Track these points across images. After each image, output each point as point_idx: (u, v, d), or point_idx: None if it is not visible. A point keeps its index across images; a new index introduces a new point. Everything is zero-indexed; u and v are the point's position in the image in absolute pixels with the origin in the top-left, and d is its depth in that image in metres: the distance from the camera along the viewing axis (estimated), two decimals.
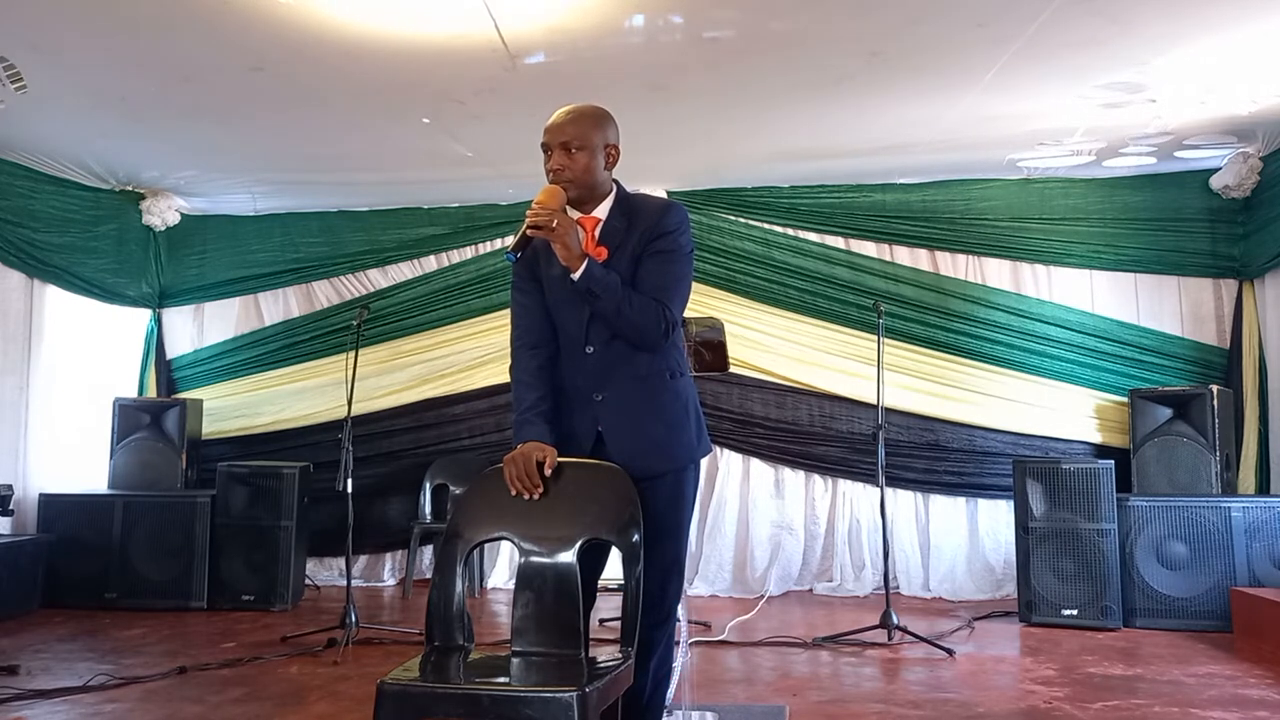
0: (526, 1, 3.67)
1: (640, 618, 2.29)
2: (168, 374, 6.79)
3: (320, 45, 4.00)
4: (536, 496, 2.34)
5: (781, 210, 6.29)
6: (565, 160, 2.42)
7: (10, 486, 5.15)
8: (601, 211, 2.49)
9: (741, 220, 6.32)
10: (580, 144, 2.43)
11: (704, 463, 6.42)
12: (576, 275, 2.34)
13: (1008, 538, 5.59)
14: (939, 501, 6.05)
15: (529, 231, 2.35)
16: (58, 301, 6.00)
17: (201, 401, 6.41)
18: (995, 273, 6.09)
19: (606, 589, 3.03)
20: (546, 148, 2.46)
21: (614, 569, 2.41)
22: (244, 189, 6.30)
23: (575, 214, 2.47)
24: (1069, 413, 5.88)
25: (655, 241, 2.45)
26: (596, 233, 2.47)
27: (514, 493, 2.35)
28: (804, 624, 5.13)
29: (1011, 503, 5.33)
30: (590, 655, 2.29)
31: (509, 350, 2.60)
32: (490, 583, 6.28)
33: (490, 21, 3.79)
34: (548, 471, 2.35)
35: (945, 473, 6.01)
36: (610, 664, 2.18)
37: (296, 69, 4.28)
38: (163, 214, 6.44)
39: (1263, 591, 4.74)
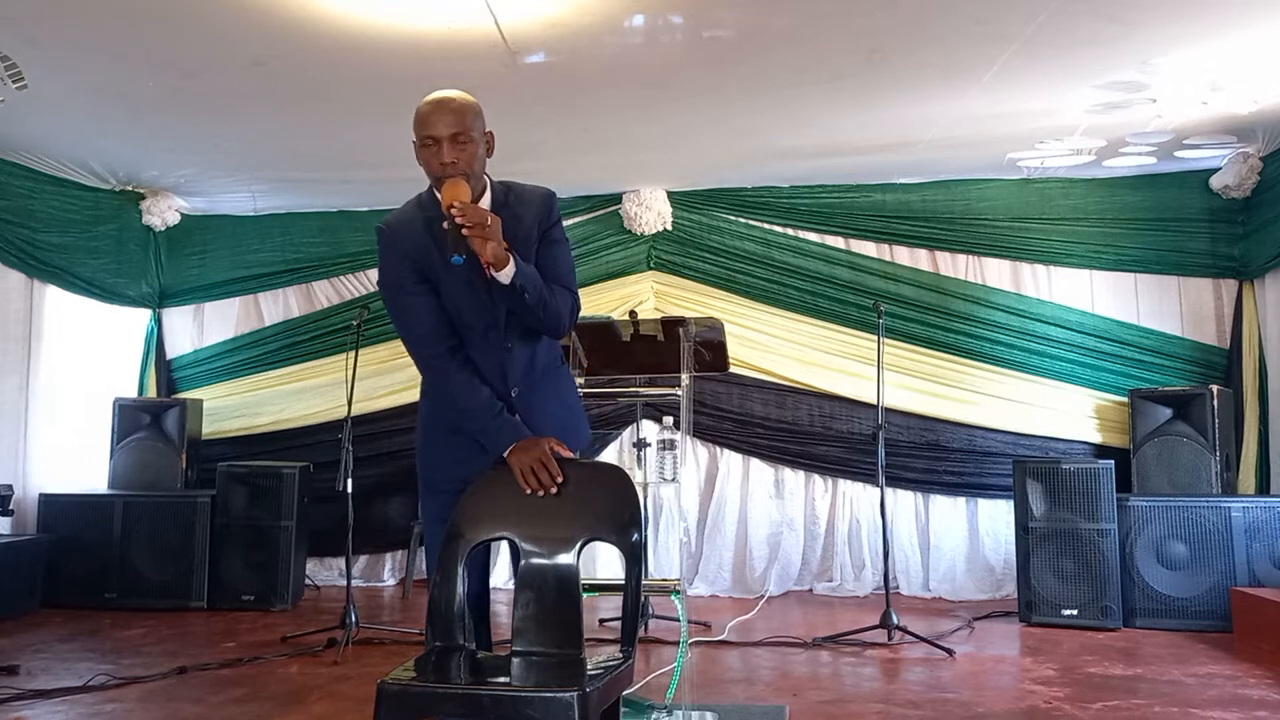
0: None
1: None
2: (168, 374, 6.79)
3: (320, 40, 4.00)
4: (555, 491, 2.31)
5: (781, 210, 6.29)
6: (456, 153, 2.33)
7: (10, 486, 5.15)
8: (485, 204, 2.40)
9: (741, 220, 6.33)
10: (467, 135, 2.34)
11: (704, 462, 6.38)
12: (507, 275, 2.29)
13: (1008, 538, 5.59)
14: (939, 501, 6.05)
15: (465, 231, 2.23)
16: (58, 301, 6.00)
17: (201, 401, 6.41)
18: (995, 273, 6.09)
19: (608, 589, 3.03)
20: (432, 140, 2.35)
21: (614, 569, 2.42)
22: (244, 188, 6.30)
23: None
24: (1069, 413, 5.88)
25: (551, 230, 2.45)
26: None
27: (530, 490, 2.32)
28: (804, 624, 5.14)
29: (1011, 503, 5.33)
30: (590, 655, 2.29)
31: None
32: (490, 582, 6.25)
33: (490, 17, 3.79)
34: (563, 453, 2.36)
35: (945, 473, 6.01)
36: (610, 664, 2.18)
37: (297, 65, 4.28)
38: (163, 214, 6.44)
39: (1263, 591, 4.73)
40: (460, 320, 2.43)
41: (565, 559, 2.32)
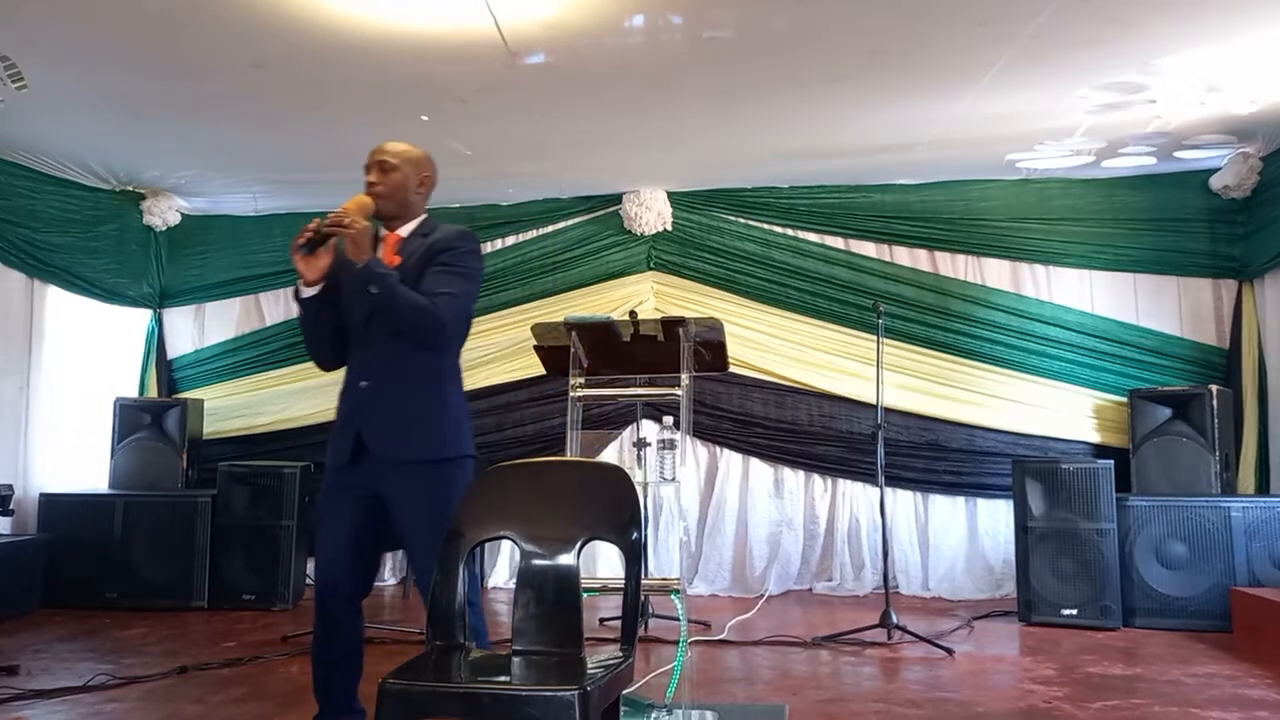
0: None
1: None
2: (168, 374, 6.79)
3: (321, 42, 4.01)
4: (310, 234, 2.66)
5: (781, 210, 6.29)
6: (380, 177, 2.80)
7: (10, 486, 5.15)
8: (405, 231, 2.84)
9: (741, 220, 6.33)
10: (396, 165, 2.81)
11: (704, 462, 6.35)
12: (358, 267, 2.63)
13: (1007, 537, 5.60)
14: (938, 501, 6.05)
15: (325, 229, 2.64)
16: (58, 301, 6.00)
17: (202, 401, 6.42)
18: (995, 273, 6.10)
19: (608, 589, 3.03)
20: (366, 167, 2.82)
21: (614, 568, 2.42)
22: (244, 188, 6.31)
23: (384, 230, 2.83)
24: (1068, 413, 5.88)
25: (442, 255, 2.75)
26: (396, 248, 2.80)
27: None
28: (804, 623, 5.14)
29: (1011, 502, 5.34)
30: (590, 654, 2.30)
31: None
32: (490, 582, 6.28)
33: (490, 17, 3.80)
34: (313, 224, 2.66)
35: (945, 472, 6.01)
36: (610, 663, 2.19)
37: (297, 66, 4.29)
38: (163, 214, 6.45)
39: (1262, 591, 4.74)
40: (349, 312, 2.82)
41: (565, 559, 2.33)
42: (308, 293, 2.76)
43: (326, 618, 2.76)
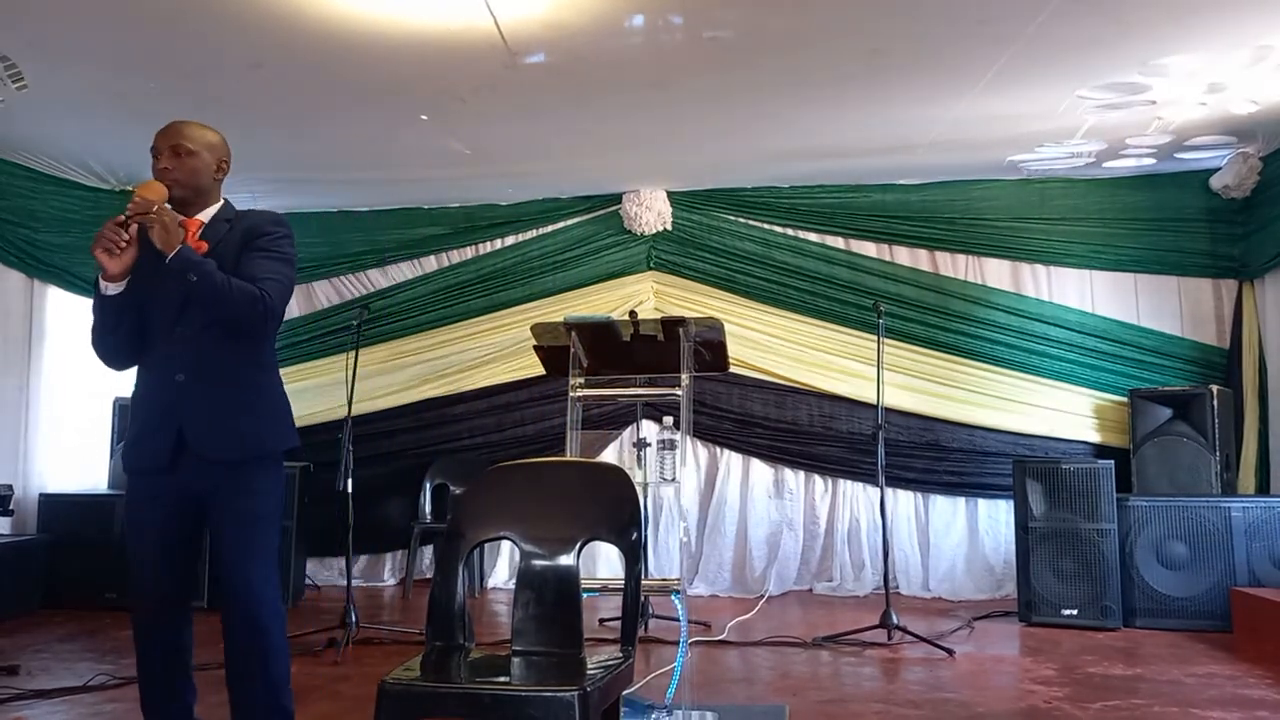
0: None
1: (231, 614, 2.61)
2: None
3: (321, 42, 4.01)
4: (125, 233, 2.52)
5: (781, 210, 6.29)
6: (174, 162, 2.65)
7: (10, 486, 5.14)
8: (205, 216, 2.69)
9: (741, 220, 6.33)
10: (190, 149, 2.66)
11: (704, 462, 6.35)
12: (170, 256, 2.47)
13: (1007, 537, 5.60)
14: (939, 501, 6.05)
15: (130, 218, 2.50)
16: (58, 301, 5.99)
17: None
18: (995, 273, 6.10)
19: (608, 589, 3.03)
20: (156, 151, 2.68)
21: (614, 569, 2.42)
22: (244, 187, 6.28)
23: (180, 216, 2.61)
24: (1069, 413, 5.88)
25: (257, 240, 2.63)
26: (198, 233, 2.64)
27: (106, 248, 2.54)
28: (804, 624, 5.14)
29: (1011, 502, 5.33)
30: (590, 655, 2.30)
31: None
32: (490, 583, 6.28)
33: (490, 17, 3.79)
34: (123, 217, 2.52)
35: (945, 473, 6.01)
36: (610, 664, 2.18)
37: (297, 66, 4.29)
38: None
39: (1263, 591, 4.73)
40: (151, 306, 2.67)
41: (565, 559, 2.33)
42: (113, 290, 2.61)
43: (143, 630, 2.77)
